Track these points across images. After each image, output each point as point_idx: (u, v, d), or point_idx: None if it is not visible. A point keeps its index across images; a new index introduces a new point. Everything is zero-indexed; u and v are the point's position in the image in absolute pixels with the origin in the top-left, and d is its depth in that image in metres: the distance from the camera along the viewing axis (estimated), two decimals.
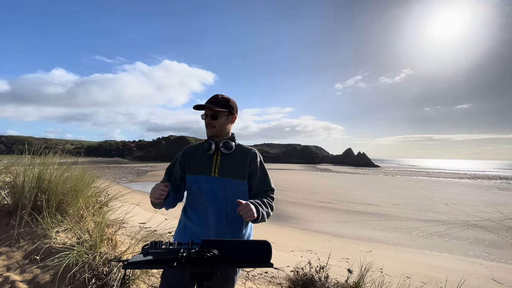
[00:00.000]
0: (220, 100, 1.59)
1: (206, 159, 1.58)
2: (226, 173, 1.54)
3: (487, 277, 6.45)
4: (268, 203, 1.54)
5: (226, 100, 1.60)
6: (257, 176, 1.61)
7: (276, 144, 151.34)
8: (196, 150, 1.64)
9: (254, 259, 1.03)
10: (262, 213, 1.42)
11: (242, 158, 1.60)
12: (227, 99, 1.60)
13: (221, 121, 1.58)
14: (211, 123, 1.57)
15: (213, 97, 1.60)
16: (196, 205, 1.55)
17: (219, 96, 1.60)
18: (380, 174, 53.76)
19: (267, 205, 1.51)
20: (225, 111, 1.57)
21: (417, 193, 22.84)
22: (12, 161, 4.04)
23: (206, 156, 1.59)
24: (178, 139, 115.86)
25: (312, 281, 2.71)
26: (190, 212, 1.58)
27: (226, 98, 1.61)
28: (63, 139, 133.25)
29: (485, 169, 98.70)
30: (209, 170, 1.54)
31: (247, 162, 1.59)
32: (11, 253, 2.34)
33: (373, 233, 10.34)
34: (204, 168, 1.56)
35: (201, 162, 1.58)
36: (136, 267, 0.99)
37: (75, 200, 2.87)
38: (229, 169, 1.55)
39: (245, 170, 1.58)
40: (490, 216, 13.97)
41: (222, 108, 1.57)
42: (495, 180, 44.85)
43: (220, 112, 1.56)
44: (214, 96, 1.60)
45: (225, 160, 1.57)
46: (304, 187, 25.54)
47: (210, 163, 1.56)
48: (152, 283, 2.31)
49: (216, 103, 1.57)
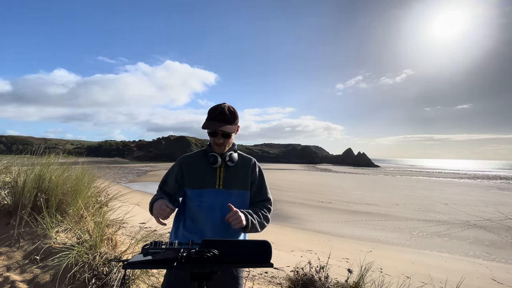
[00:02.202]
0: (229, 115, 1.48)
1: (209, 172, 1.52)
2: (230, 185, 1.52)
3: (487, 277, 6.45)
4: (263, 214, 1.52)
5: (234, 114, 1.51)
6: (255, 186, 1.60)
7: (276, 144, 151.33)
8: (195, 161, 1.57)
9: (254, 259, 1.02)
10: (252, 221, 1.40)
11: (244, 168, 1.58)
12: (234, 112, 1.52)
13: (232, 138, 1.53)
14: (223, 143, 1.50)
15: (221, 112, 1.47)
16: (200, 219, 1.50)
17: (225, 110, 1.49)
18: (380, 174, 53.76)
19: (260, 215, 1.49)
20: (235, 127, 1.52)
21: (417, 193, 22.84)
22: (12, 161, 4.04)
23: (208, 169, 1.52)
24: (178, 139, 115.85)
25: (312, 281, 2.71)
26: (191, 225, 1.52)
27: (232, 110, 1.51)
28: (63, 139, 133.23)
29: (485, 169, 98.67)
30: (213, 183, 1.50)
31: (249, 172, 1.59)
32: (11, 253, 2.34)
33: (373, 233, 10.34)
34: (208, 181, 1.50)
35: (204, 175, 1.51)
36: (136, 267, 0.99)
37: (75, 200, 2.87)
38: (234, 181, 1.53)
39: (247, 180, 1.57)
40: (490, 216, 13.97)
41: (233, 124, 1.50)
42: (495, 180, 44.84)
43: (233, 129, 1.50)
44: (222, 112, 1.47)
45: (228, 172, 1.53)
46: (304, 187, 25.54)
47: (214, 176, 1.51)
48: (152, 283, 2.31)
49: (227, 121, 1.48)
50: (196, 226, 1.50)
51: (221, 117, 1.46)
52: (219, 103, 1.54)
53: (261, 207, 1.57)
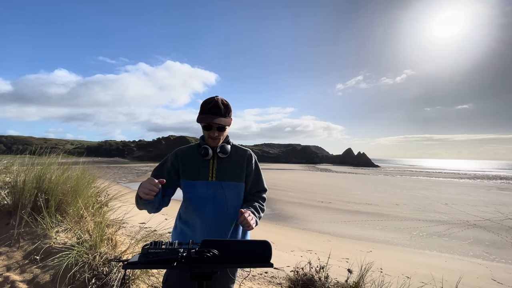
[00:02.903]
0: (223, 108, 1.48)
1: (202, 164, 1.53)
2: (224, 176, 1.52)
3: (487, 277, 6.45)
4: (260, 207, 1.57)
5: (227, 107, 1.51)
6: (251, 177, 1.61)
7: (276, 144, 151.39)
8: (190, 154, 1.57)
9: (254, 259, 1.03)
10: (257, 221, 1.47)
11: (239, 160, 1.59)
12: (227, 105, 1.51)
13: (226, 131, 1.53)
14: (217, 136, 1.49)
15: (215, 105, 1.46)
16: (193, 210, 1.51)
17: (219, 103, 1.48)
18: (380, 174, 53.77)
19: (259, 210, 1.55)
20: (229, 119, 1.52)
21: (417, 193, 22.84)
22: (12, 161, 4.04)
23: (202, 161, 1.53)
24: (178, 139, 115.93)
25: (312, 281, 2.71)
26: (186, 217, 1.54)
27: (226, 103, 1.51)
28: (63, 139, 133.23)
29: (485, 169, 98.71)
30: (206, 175, 1.51)
31: (244, 164, 1.59)
32: (11, 253, 2.33)
33: (373, 233, 10.35)
34: (201, 173, 1.51)
35: (198, 167, 1.52)
36: (136, 267, 0.99)
37: (75, 200, 2.87)
38: (227, 172, 1.53)
39: (242, 172, 1.58)
40: (490, 216, 13.97)
41: (228, 117, 1.50)
42: (495, 180, 44.86)
43: (227, 122, 1.50)
44: (216, 105, 1.46)
45: (222, 164, 1.54)
46: (304, 187, 25.54)
47: (207, 168, 1.52)
48: (152, 283, 2.31)
49: (222, 114, 1.47)
50: (190, 217, 1.53)
51: (215, 110, 1.46)
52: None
53: (257, 198, 1.61)
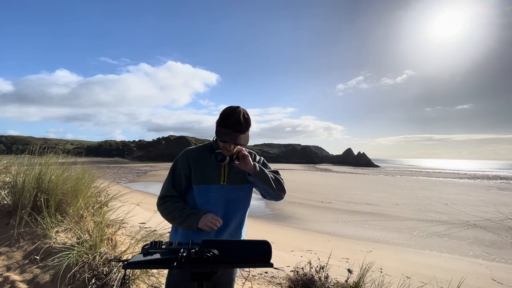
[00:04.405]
0: (244, 125, 1.44)
1: (214, 167, 1.51)
2: (234, 180, 1.53)
3: (487, 277, 6.45)
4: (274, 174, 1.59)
5: (248, 121, 1.47)
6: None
7: (276, 144, 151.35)
8: (200, 156, 1.54)
9: (254, 259, 1.03)
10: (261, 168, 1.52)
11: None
12: (248, 119, 1.47)
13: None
14: (233, 149, 1.48)
15: (237, 122, 1.42)
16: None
17: (241, 119, 1.43)
18: (380, 174, 53.76)
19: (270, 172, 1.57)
20: (248, 134, 1.49)
21: (417, 193, 22.84)
22: (12, 161, 4.04)
23: (214, 164, 1.51)
24: (178, 139, 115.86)
25: (312, 281, 2.71)
26: None
27: (247, 117, 1.46)
28: (63, 139, 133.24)
29: (485, 169, 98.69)
30: (218, 179, 1.50)
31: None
32: (11, 253, 2.33)
33: (373, 233, 10.35)
34: (213, 177, 1.50)
35: (210, 171, 1.51)
36: (136, 267, 0.99)
37: (75, 200, 2.86)
38: (237, 176, 1.54)
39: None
40: (490, 216, 13.97)
41: (247, 133, 1.47)
42: (495, 180, 44.84)
43: (246, 140, 1.47)
44: (238, 121, 1.42)
45: (232, 168, 1.53)
46: (304, 187, 25.54)
47: (219, 172, 1.51)
48: (152, 283, 2.31)
49: (242, 130, 1.44)
50: None
51: (237, 127, 1.42)
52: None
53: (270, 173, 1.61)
